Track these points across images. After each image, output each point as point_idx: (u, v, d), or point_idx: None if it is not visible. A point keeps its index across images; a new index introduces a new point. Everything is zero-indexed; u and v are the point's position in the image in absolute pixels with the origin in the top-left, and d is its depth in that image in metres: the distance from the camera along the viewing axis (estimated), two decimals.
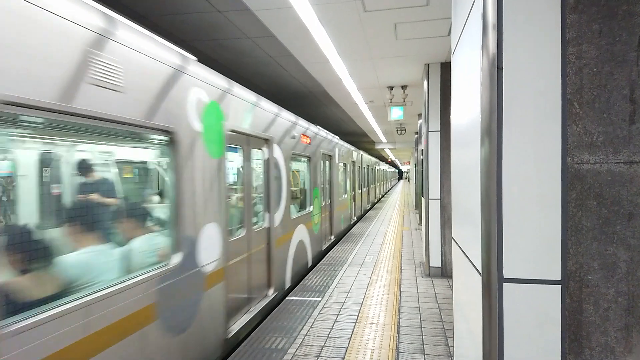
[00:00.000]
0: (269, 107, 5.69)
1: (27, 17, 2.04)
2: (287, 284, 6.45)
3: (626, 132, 1.71)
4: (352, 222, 14.05)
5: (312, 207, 8.27)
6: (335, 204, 10.93)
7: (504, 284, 1.81)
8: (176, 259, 3.29)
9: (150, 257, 3.23)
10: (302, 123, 7.57)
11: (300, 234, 7.34)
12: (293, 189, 7.83)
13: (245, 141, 4.96)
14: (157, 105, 3.04)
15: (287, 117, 6.57)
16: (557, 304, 1.77)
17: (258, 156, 5.56)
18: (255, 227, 5.26)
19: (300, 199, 8.18)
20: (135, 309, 2.77)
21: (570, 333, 1.77)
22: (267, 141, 5.64)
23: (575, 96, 1.75)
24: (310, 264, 7.93)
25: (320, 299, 5.90)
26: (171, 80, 3.28)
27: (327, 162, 10.18)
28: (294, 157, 7.16)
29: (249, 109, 4.92)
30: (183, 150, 3.40)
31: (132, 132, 2.93)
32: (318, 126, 9.13)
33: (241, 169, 5.04)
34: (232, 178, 4.94)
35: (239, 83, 4.98)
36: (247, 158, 5.05)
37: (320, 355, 4.11)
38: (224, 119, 4.17)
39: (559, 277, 1.77)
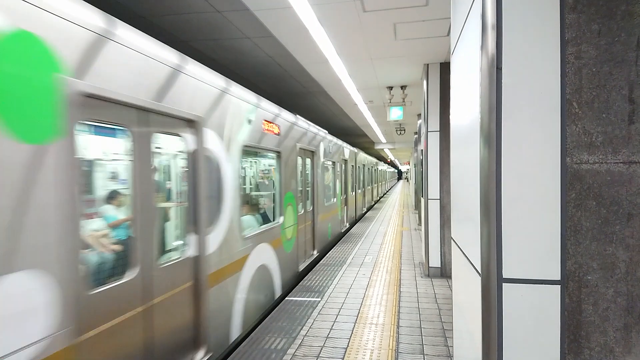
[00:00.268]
0: (197, 73, 3.87)
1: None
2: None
3: (625, 132, 1.71)
4: (343, 230, 12.37)
5: (282, 217, 6.36)
6: (319, 211, 8.96)
7: (503, 284, 1.81)
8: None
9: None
10: (267, 106, 5.72)
11: (261, 256, 5.42)
12: (252, 193, 6.71)
13: (136, 119, 3.06)
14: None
15: (238, 93, 4.75)
16: (557, 304, 1.77)
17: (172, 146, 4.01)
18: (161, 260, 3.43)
19: (261, 209, 6.57)
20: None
21: (569, 333, 1.77)
22: (191, 123, 3.74)
23: (574, 96, 1.75)
24: (278, 293, 6.12)
25: (319, 299, 5.90)
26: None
27: (309, 160, 8.35)
28: (250, 150, 5.40)
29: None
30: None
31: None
32: (297, 115, 7.42)
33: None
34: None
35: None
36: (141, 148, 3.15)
37: (320, 355, 4.11)
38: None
39: (558, 277, 1.77)
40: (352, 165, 14.96)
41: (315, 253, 8.63)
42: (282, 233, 6.37)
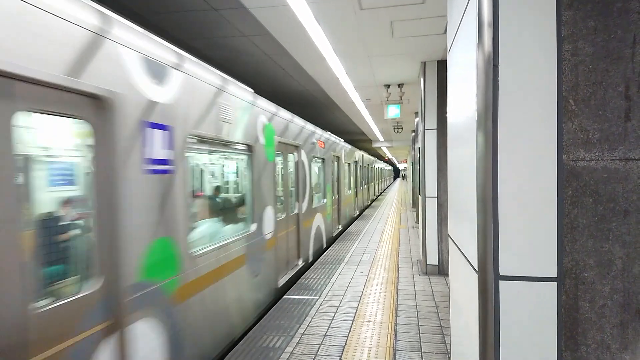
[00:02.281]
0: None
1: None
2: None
3: (621, 129, 1.71)
4: (324, 246, 10.10)
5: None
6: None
7: (500, 281, 1.81)
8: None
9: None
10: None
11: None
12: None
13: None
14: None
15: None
16: (553, 301, 1.77)
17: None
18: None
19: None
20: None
21: (566, 330, 1.77)
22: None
23: (570, 93, 1.74)
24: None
25: (317, 297, 5.90)
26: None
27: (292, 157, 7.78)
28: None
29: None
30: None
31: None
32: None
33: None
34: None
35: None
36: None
37: (318, 353, 4.11)
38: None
39: (554, 274, 1.77)
40: (333, 161, 12.73)
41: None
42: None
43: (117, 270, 2.74)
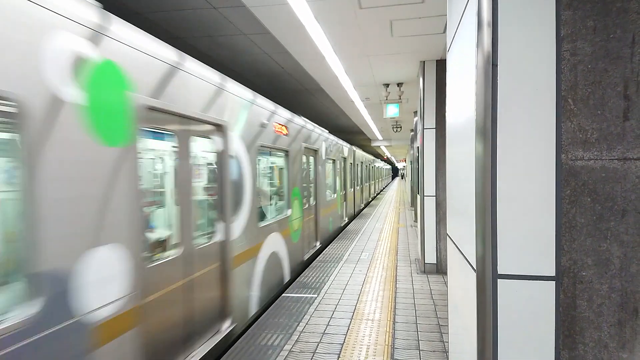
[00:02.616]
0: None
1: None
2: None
3: (620, 128, 1.72)
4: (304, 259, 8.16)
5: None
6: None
7: (498, 280, 1.82)
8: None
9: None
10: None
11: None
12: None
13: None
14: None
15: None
16: (551, 299, 1.78)
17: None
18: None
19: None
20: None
21: (564, 329, 1.78)
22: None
23: (569, 93, 1.75)
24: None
25: (316, 295, 5.91)
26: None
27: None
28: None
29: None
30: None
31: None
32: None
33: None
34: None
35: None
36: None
37: (316, 351, 4.12)
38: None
39: (553, 273, 1.78)
40: (312, 158, 10.46)
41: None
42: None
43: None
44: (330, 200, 11.15)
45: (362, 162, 19.35)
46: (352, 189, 16.25)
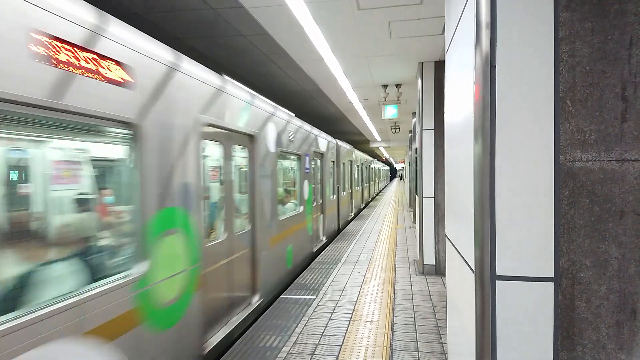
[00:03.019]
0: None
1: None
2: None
3: (618, 130, 1.72)
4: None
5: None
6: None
7: (497, 281, 1.82)
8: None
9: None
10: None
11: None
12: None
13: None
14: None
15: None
16: (550, 301, 1.78)
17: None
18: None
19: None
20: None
21: (562, 330, 1.78)
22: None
23: (567, 94, 1.75)
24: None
25: (314, 297, 5.90)
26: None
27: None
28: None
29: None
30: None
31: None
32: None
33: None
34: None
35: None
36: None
37: (315, 353, 4.11)
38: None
39: (551, 274, 1.78)
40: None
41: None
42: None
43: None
44: (310, 219, 8.78)
45: (350, 161, 15.38)
46: (347, 192, 13.64)
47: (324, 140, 10.21)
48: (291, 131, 7.33)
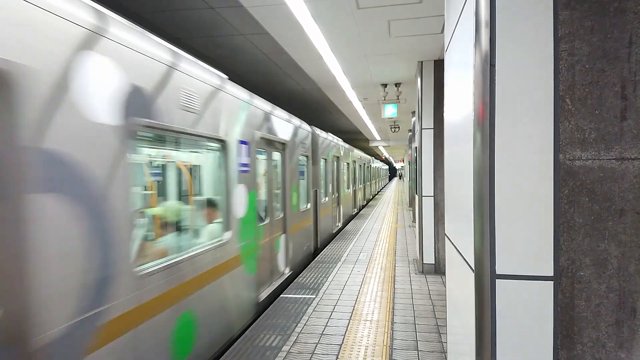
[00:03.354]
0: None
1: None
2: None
3: (618, 128, 1.72)
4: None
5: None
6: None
7: (497, 280, 1.82)
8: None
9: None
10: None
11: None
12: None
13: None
14: None
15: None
16: (550, 299, 1.78)
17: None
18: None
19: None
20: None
21: (562, 328, 1.78)
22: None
23: (567, 93, 1.75)
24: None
25: (314, 296, 5.90)
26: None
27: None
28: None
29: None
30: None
31: None
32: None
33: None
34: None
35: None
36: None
37: (315, 352, 4.11)
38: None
39: (551, 273, 1.78)
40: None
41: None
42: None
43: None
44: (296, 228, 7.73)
45: (337, 157, 12.61)
46: (312, 206, 9.10)
47: (285, 125, 6.95)
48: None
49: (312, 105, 11.88)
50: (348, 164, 15.29)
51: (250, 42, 6.11)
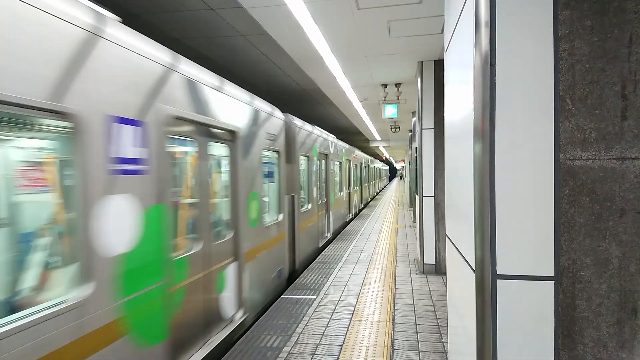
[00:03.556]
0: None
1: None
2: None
3: (618, 128, 1.72)
4: None
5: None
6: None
7: (497, 280, 1.81)
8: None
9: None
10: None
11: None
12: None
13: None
14: None
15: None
16: (550, 300, 1.78)
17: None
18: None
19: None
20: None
21: (563, 329, 1.78)
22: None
23: (567, 92, 1.75)
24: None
25: (315, 297, 5.90)
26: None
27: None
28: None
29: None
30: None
31: None
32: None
33: None
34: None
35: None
36: None
37: (316, 353, 4.11)
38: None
39: (552, 273, 1.77)
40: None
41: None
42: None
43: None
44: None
45: (325, 156, 10.71)
46: (287, 218, 7.07)
47: (238, 107, 5.00)
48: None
49: (312, 106, 11.89)
50: (340, 163, 13.26)
51: (250, 43, 6.11)
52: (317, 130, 9.45)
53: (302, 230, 8.03)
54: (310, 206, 8.77)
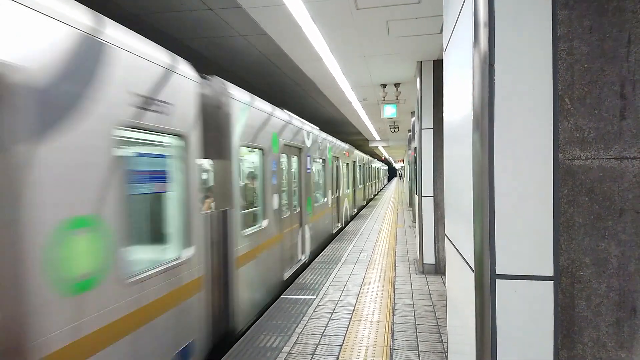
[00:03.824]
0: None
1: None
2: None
3: (617, 127, 1.72)
4: None
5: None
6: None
7: (497, 280, 1.81)
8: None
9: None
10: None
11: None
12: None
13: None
14: None
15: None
16: (550, 299, 1.78)
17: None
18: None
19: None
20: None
21: (562, 328, 1.78)
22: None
23: (566, 92, 1.75)
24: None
25: (314, 297, 5.90)
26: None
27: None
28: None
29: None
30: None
31: None
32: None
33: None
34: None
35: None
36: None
37: (315, 353, 4.11)
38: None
39: (551, 273, 1.77)
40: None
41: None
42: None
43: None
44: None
45: (299, 150, 8.46)
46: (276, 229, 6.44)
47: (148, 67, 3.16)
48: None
49: (311, 105, 11.89)
50: (324, 160, 10.89)
51: (249, 43, 6.11)
52: (281, 114, 6.90)
53: (244, 268, 5.03)
54: (266, 223, 5.88)
